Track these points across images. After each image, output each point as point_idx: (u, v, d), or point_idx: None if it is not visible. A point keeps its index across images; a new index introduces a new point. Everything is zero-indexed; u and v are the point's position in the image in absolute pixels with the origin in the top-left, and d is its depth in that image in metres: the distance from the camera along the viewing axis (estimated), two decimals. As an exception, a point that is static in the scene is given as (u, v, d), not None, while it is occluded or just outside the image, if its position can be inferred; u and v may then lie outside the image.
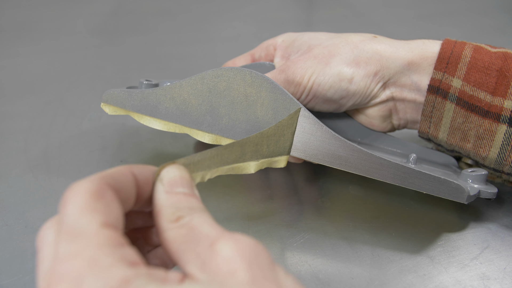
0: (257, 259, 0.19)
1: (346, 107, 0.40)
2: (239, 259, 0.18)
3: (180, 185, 0.22)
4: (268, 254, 0.19)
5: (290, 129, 0.36)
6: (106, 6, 0.92)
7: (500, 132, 0.35)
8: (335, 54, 0.38)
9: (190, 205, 0.21)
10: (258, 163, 0.34)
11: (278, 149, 0.35)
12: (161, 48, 0.74)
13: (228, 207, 0.38)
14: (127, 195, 0.21)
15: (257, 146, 0.33)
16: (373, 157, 0.35)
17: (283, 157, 0.36)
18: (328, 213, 0.38)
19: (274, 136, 0.34)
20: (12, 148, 0.46)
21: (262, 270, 0.18)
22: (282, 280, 0.19)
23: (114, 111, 0.41)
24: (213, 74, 0.38)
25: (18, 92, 0.58)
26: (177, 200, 0.22)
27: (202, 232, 0.20)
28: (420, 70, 0.38)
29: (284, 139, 0.35)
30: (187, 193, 0.22)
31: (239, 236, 0.19)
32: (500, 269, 0.33)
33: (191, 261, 0.19)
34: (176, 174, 0.23)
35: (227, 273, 0.18)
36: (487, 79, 0.35)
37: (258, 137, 0.33)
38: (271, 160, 0.35)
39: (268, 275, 0.18)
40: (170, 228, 0.21)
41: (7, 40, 0.76)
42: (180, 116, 0.39)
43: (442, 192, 0.35)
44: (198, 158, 0.25)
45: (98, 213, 0.19)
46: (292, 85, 0.38)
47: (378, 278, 0.32)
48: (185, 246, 0.20)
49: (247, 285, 0.18)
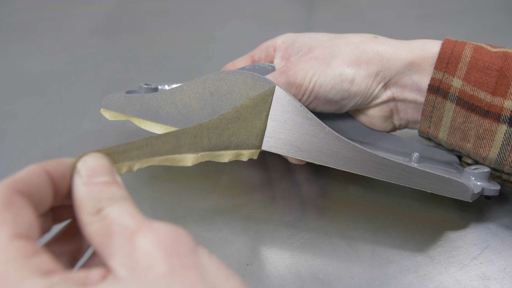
0: (176, 247, 0.18)
1: (348, 107, 0.40)
2: (158, 250, 0.18)
3: (99, 174, 0.21)
4: (190, 239, 0.19)
5: (246, 123, 0.35)
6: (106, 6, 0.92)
7: (500, 132, 0.35)
8: (336, 55, 0.38)
9: (110, 194, 0.21)
10: (198, 156, 0.32)
11: (221, 143, 0.34)
12: (161, 48, 0.74)
13: (228, 207, 0.38)
14: (42, 196, 0.20)
15: (196, 138, 0.32)
16: (377, 157, 0.35)
17: (249, 151, 0.36)
18: (328, 213, 0.38)
19: (216, 129, 0.33)
20: (12, 148, 0.46)
21: (181, 258, 0.18)
22: (205, 263, 0.19)
23: (114, 116, 0.41)
24: (214, 77, 0.37)
25: (18, 92, 0.58)
26: (96, 191, 0.21)
27: (122, 224, 0.19)
28: (421, 70, 0.38)
29: (230, 133, 0.34)
30: (107, 182, 0.21)
31: (158, 226, 0.19)
32: (500, 269, 0.33)
33: (113, 255, 0.19)
34: (93, 163, 0.22)
35: (146, 267, 0.18)
36: (487, 79, 0.35)
37: (197, 129, 0.32)
38: (213, 153, 0.34)
39: (188, 262, 0.18)
40: (91, 221, 0.20)
41: (7, 40, 0.76)
42: (181, 121, 0.39)
43: (447, 191, 0.35)
44: (124, 148, 0.25)
45: (6, 225, 0.18)
46: (293, 87, 0.38)
47: (378, 278, 0.32)
48: (107, 240, 0.19)
49: (165, 278, 0.17)
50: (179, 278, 0.18)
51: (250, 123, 0.35)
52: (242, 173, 0.43)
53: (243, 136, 0.35)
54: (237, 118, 0.34)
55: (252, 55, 0.46)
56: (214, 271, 0.18)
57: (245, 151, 0.36)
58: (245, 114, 0.35)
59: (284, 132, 0.36)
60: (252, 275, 0.32)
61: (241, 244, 0.35)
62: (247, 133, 0.35)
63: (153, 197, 0.40)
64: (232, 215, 0.38)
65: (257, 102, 0.35)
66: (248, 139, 0.36)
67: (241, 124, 0.35)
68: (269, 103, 0.36)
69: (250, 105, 0.35)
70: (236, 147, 0.35)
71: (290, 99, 0.35)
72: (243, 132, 0.35)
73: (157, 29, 0.83)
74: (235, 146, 0.35)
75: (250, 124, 0.35)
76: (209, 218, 0.37)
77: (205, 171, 0.43)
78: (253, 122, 0.35)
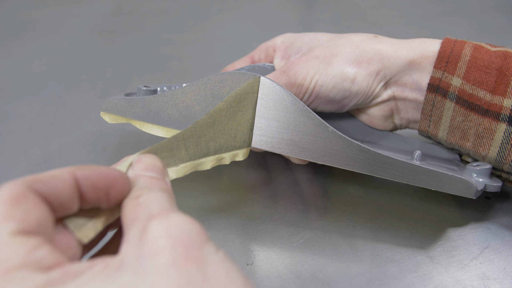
0: (185, 238, 0.19)
1: (349, 107, 0.40)
2: (165, 240, 0.18)
3: (149, 170, 0.24)
4: (201, 232, 0.19)
5: (221, 126, 0.34)
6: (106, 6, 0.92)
7: (500, 130, 0.35)
8: (337, 54, 0.38)
9: (152, 186, 0.22)
10: (178, 168, 0.31)
11: (200, 150, 0.33)
12: (161, 48, 0.74)
13: (228, 207, 0.38)
14: (63, 200, 0.20)
15: (173, 151, 0.30)
16: (381, 156, 0.35)
17: (229, 154, 0.35)
18: (328, 213, 0.38)
19: (192, 137, 0.32)
20: (12, 148, 0.46)
21: (188, 249, 0.18)
22: (211, 257, 0.19)
23: (114, 119, 0.41)
24: (216, 79, 0.37)
25: (18, 92, 0.58)
26: (142, 181, 0.23)
27: (147, 210, 0.20)
28: (421, 69, 0.38)
29: (207, 139, 0.33)
30: (155, 177, 0.23)
31: (174, 215, 0.19)
32: (500, 269, 0.33)
33: (128, 240, 0.19)
34: (147, 161, 0.24)
35: (151, 255, 0.18)
36: (487, 78, 0.35)
37: (172, 141, 0.30)
38: (194, 163, 0.32)
39: (193, 254, 0.18)
40: (126, 203, 0.21)
41: (7, 40, 0.76)
42: (183, 122, 0.39)
43: (450, 188, 0.35)
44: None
45: (11, 220, 0.18)
46: (294, 86, 0.38)
47: (378, 278, 0.32)
48: (132, 224, 0.20)
49: (167, 268, 0.18)
50: (178, 269, 0.18)
51: (225, 125, 0.34)
52: (242, 173, 0.43)
53: (221, 140, 0.34)
54: (212, 123, 0.33)
55: (252, 56, 0.46)
56: (216, 265, 0.18)
57: (225, 154, 0.35)
58: (219, 117, 0.34)
59: (287, 132, 0.36)
60: (252, 275, 0.32)
61: (241, 244, 0.35)
62: (224, 136, 0.35)
63: (153, 197, 0.40)
64: (232, 215, 0.38)
65: (230, 104, 0.35)
66: (227, 142, 0.35)
67: (217, 128, 0.34)
68: (249, 101, 0.35)
69: (224, 107, 0.34)
70: (215, 152, 0.34)
71: (292, 99, 0.35)
72: (220, 136, 0.34)
73: (157, 29, 0.83)
74: (215, 151, 0.34)
75: (226, 127, 0.34)
76: (209, 218, 0.37)
77: (205, 171, 0.43)
78: (229, 124, 0.35)
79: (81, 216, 0.22)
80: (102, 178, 0.21)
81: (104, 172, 0.22)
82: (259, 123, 0.36)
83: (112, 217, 0.23)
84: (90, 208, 0.22)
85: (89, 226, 0.22)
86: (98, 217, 0.22)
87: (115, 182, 0.22)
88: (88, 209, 0.22)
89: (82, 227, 0.22)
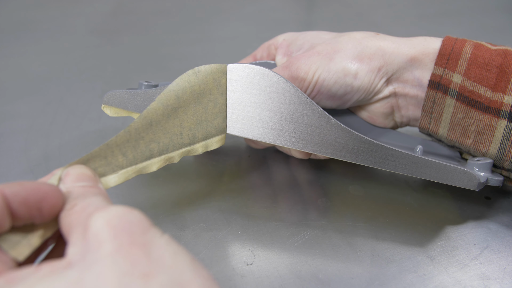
0: (126, 226, 0.19)
1: (350, 103, 0.40)
2: (106, 230, 0.19)
3: (80, 180, 0.24)
4: (142, 219, 0.20)
5: (160, 126, 0.33)
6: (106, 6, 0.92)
7: (500, 127, 0.35)
8: (339, 50, 0.38)
9: (85, 194, 0.22)
10: (119, 174, 0.30)
11: (141, 154, 0.32)
12: (161, 48, 0.74)
13: (228, 207, 0.38)
14: None
15: (108, 159, 0.29)
16: (384, 148, 0.35)
17: (178, 152, 0.34)
18: (328, 213, 0.38)
19: (128, 142, 0.31)
20: (12, 148, 0.46)
21: (131, 235, 0.19)
22: (156, 240, 0.19)
23: (115, 112, 0.41)
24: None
25: (18, 92, 0.58)
26: (75, 192, 0.23)
27: (85, 213, 0.20)
28: (422, 66, 0.38)
29: (146, 141, 0.32)
30: (87, 186, 0.24)
31: (112, 207, 0.20)
32: (500, 269, 0.33)
33: (73, 242, 0.20)
34: (77, 172, 0.25)
35: (95, 247, 0.18)
36: (487, 75, 0.35)
37: (104, 149, 0.29)
38: (136, 167, 0.31)
39: (136, 240, 0.19)
40: (63, 215, 0.21)
41: (7, 40, 0.76)
42: None
43: (453, 180, 0.35)
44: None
45: None
46: (297, 81, 0.38)
47: (378, 278, 0.32)
48: (72, 230, 0.20)
49: (112, 256, 0.18)
50: (123, 255, 0.18)
51: (165, 124, 0.33)
52: (242, 173, 0.43)
53: (164, 140, 0.33)
54: (148, 125, 0.32)
55: (254, 54, 0.46)
56: (162, 248, 0.19)
57: (173, 153, 0.34)
58: (156, 118, 0.32)
59: (290, 124, 0.36)
60: (252, 275, 0.32)
61: (241, 244, 0.35)
62: (167, 135, 0.33)
63: (153, 197, 0.40)
64: (232, 215, 0.38)
65: (165, 102, 0.33)
66: (172, 140, 0.34)
67: (156, 129, 0.32)
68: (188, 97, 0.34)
69: (158, 107, 0.33)
70: (161, 153, 0.33)
71: (296, 91, 0.35)
72: (161, 136, 0.33)
73: (157, 29, 0.83)
74: (160, 152, 0.33)
75: (166, 126, 0.33)
76: (209, 218, 0.37)
77: (205, 171, 0.43)
78: (169, 122, 0.33)
79: (15, 234, 0.21)
80: (33, 193, 0.21)
81: (34, 187, 0.21)
82: (262, 115, 0.36)
83: (49, 232, 0.23)
84: (24, 225, 0.22)
85: (24, 243, 0.22)
86: (33, 233, 0.22)
87: (46, 196, 0.21)
88: (21, 226, 0.22)
89: (17, 245, 0.21)
